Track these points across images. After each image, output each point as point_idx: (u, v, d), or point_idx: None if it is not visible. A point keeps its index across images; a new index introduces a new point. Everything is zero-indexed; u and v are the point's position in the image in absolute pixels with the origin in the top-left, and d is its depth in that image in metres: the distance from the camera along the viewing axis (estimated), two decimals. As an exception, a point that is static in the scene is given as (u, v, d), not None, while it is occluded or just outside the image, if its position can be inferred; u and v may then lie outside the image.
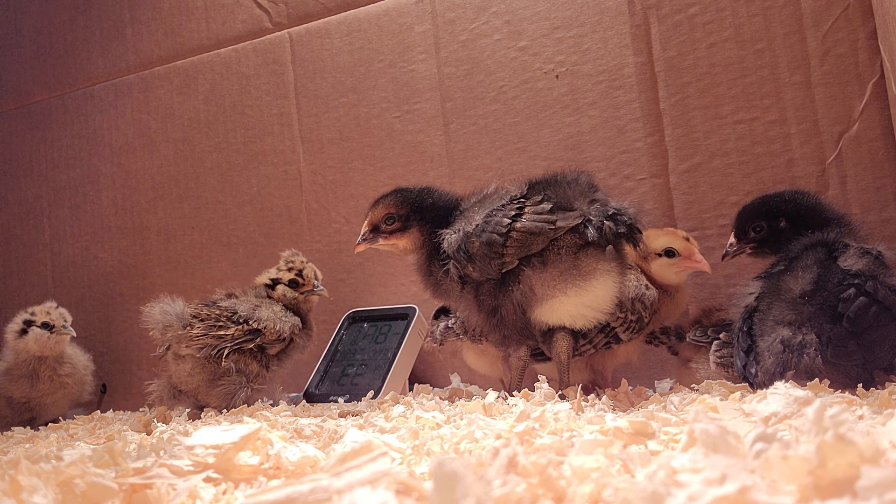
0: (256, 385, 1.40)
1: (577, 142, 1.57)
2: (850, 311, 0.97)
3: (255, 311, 1.43)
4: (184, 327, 1.37)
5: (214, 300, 1.47)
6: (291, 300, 1.49)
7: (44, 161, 2.15)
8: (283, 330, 1.42)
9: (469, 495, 0.40)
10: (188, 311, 1.39)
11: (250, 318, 1.41)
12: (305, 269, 1.51)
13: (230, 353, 1.37)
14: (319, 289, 1.51)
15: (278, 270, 1.51)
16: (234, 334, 1.38)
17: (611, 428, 0.66)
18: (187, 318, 1.38)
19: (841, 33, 1.38)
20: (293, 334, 1.45)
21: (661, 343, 1.34)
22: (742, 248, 1.22)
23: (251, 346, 1.39)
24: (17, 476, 0.56)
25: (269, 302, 1.47)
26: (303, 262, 1.53)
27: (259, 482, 0.60)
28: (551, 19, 1.61)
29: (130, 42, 2.06)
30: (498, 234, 1.10)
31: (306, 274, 1.50)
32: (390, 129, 1.75)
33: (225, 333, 1.37)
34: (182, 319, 1.38)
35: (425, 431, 0.81)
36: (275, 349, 1.43)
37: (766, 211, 1.20)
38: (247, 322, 1.40)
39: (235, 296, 1.49)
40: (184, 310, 1.39)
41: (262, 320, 1.41)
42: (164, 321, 1.37)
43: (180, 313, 1.38)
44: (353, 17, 1.81)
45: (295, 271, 1.50)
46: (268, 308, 1.45)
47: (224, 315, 1.41)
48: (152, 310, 1.38)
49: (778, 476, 0.44)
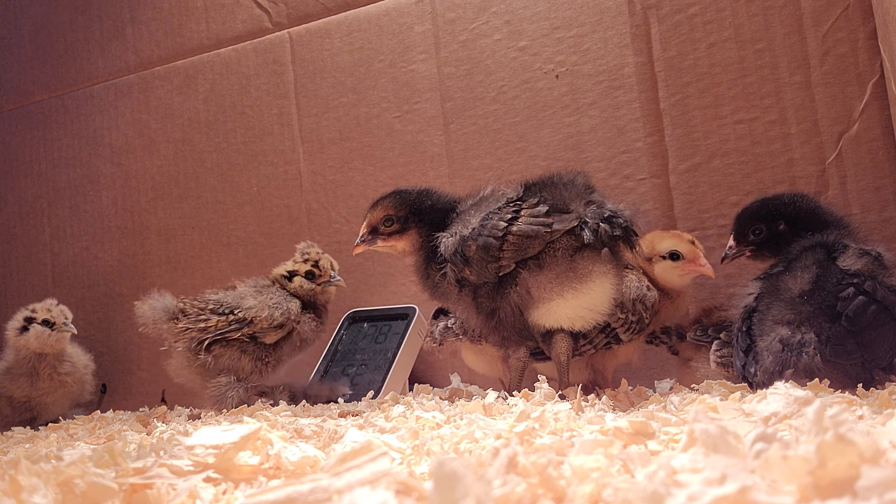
0: (252, 384, 1.37)
1: (577, 142, 1.57)
2: (848, 311, 0.97)
3: (242, 299, 1.40)
4: (169, 321, 1.37)
5: (207, 294, 1.45)
6: (309, 292, 1.47)
7: (44, 161, 2.15)
8: (274, 316, 1.39)
9: (469, 495, 0.40)
10: (178, 306, 1.40)
11: (236, 308, 1.39)
12: (321, 259, 1.50)
13: (211, 345, 1.35)
14: (336, 279, 1.50)
15: (294, 262, 1.50)
16: (216, 325, 1.36)
17: (611, 428, 0.66)
18: (174, 311, 1.38)
19: (841, 33, 1.38)
20: (293, 322, 1.42)
21: (662, 343, 1.34)
22: (741, 250, 1.22)
23: (237, 336, 1.36)
24: (17, 476, 0.56)
25: (271, 289, 1.45)
26: (318, 253, 1.51)
27: (259, 482, 0.60)
28: (551, 19, 1.61)
29: (130, 42, 2.06)
30: (494, 237, 1.10)
31: (322, 265, 1.49)
32: (390, 129, 1.75)
33: (206, 325, 1.37)
34: (168, 313, 1.38)
35: (425, 431, 0.81)
36: (270, 337, 1.40)
37: (765, 214, 1.20)
38: (232, 312, 1.38)
39: (234, 287, 1.48)
40: (172, 304, 1.39)
41: (249, 308, 1.38)
42: (152, 316, 1.38)
43: (167, 307, 1.39)
44: (353, 17, 1.81)
45: (311, 262, 1.49)
46: (262, 295, 1.42)
47: (208, 307, 1.39)
48: (142, 305, 1.39)
49: (778, 476, 0.44)
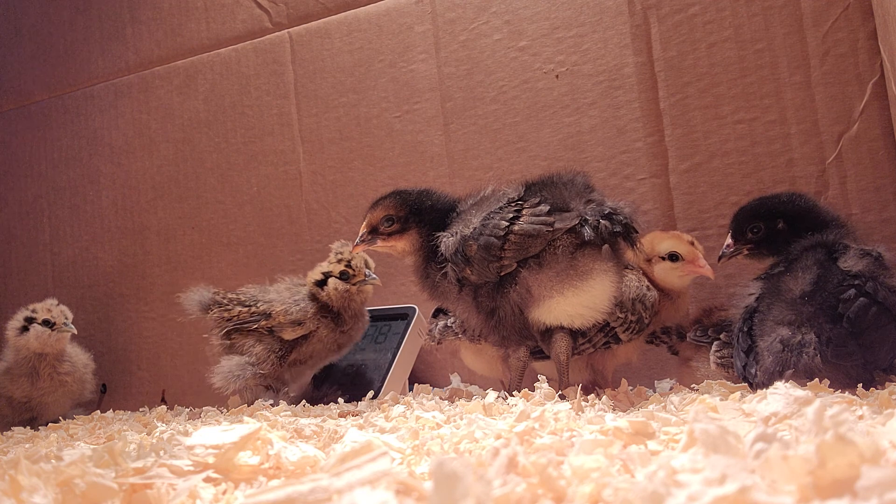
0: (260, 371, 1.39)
1: (577, 142, 1.57)
2: (850, 312, 0.97)
3: (267, 293, 1.46)
4: (204, 311, 1.46)
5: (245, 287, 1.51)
6: (344, 293, 1.42)
7: (44, 161, 2.15)
8: (291, 311, 1.40)
9: (469, 495, 0.40)
10: (213, 298, 1.47)
11: (260, 301, 1.44)
12: (355, 259, 1.44)
13: (232, 332, 1.43)
14: (372, 277, 1.44)
15: (329, 263, 1.45)
16: (238, 314, 1.43)
17: (611, 428, 0.66)
18: (209, 303, 1.47)
19: (841, 33, 1.38)
20: (315, 322, 1.41)
21: (662, 343, 1.34)
22: (739, 249, 1.22)
23: (255, 328, 1.41)
24: (17, 476, 0.56)
25: (301, 289, 1.47)
26: (352, 252, 1.44)
27: (259, 482, 0.60)
28: (551, 19, 1.61)
29: (130, 42, 2.06)
30: (496, 237, 1.10)
31: (356, 264, 1.43)
32: (390, 129, 1.75)
33: (230, 315, 1.44)
34: (202, 305, 1.47)
35: (425, 431, 0.81)
36: (287, 333, 1.41)
37: (763, 212, 1.19)
38: (255, 304, 1.44)
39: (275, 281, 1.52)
40: (208, 296, 1.47)
41: (270, 302, 1.43)
42: (189, 307, 1.48)
43: (203, 299, 1.47)
44: (353, 17, 1.81)
45: (344, 262, 1.43)
46: (286, 293, 1.46)
47: (236, 300, 1.46)
48: (187, 296, 1.49)
49: (778, 476, 0.44)
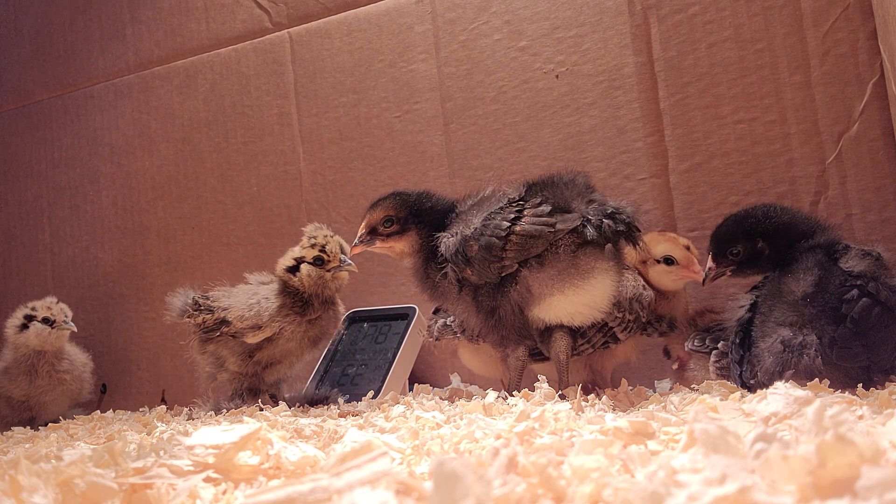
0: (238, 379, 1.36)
1: (577, 142, 1.57)
2: (853, 313, 0.97)
3: (228, 297, 1.37)
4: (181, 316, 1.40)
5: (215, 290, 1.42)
6: (318, 280, 1.33)
7: (44, 161, 2.15)
8: (245, 317, 1.31)
9: (469, 495, 0.40)
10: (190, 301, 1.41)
11: (217, 307, 1.35)
12: (329, 243, 1.35)
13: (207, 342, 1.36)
14: (347, 263, 1.35)
15: (301, 248, 1.36)
16: (202, 322, 1.35)
17: (611, 428, 0.66)
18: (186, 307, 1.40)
19: (841, 33, 1.38)
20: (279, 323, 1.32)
21: (654, 330, 1.32)
22: (722, 271, 1.18)
23: (218, 335, 1.33)
24: (17, 476, 0.56)
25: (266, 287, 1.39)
26: (326, 236, 1.37)
27: (259, 482, 0.60)
28: (551, 19, 1.61)
29: (130, 42, 2.06)
30: (497, 237, 1.10)
31: (330, 249, 1.34)
32: (390, 129, 1.75)
33: (195, 322, 1.37)
34: (179, 310, 1.40)
35: (425, 431, 0.81)
36: (250, 338, 1.32)
37: (740, 233, 1.15)
38: (217, 310, 1.35)
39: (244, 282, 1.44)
40: (186, 300, 1.41)
41: (226, 309, 1.33)
42: (171, 311, 1.42)
43: (180, 305, 1.41)
44: (353, 17, 1.81)
45: (318, 247, 1.34)
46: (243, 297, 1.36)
47: (203, 304, 1.38)
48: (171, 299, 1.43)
49: (778, 476, 0.44)
